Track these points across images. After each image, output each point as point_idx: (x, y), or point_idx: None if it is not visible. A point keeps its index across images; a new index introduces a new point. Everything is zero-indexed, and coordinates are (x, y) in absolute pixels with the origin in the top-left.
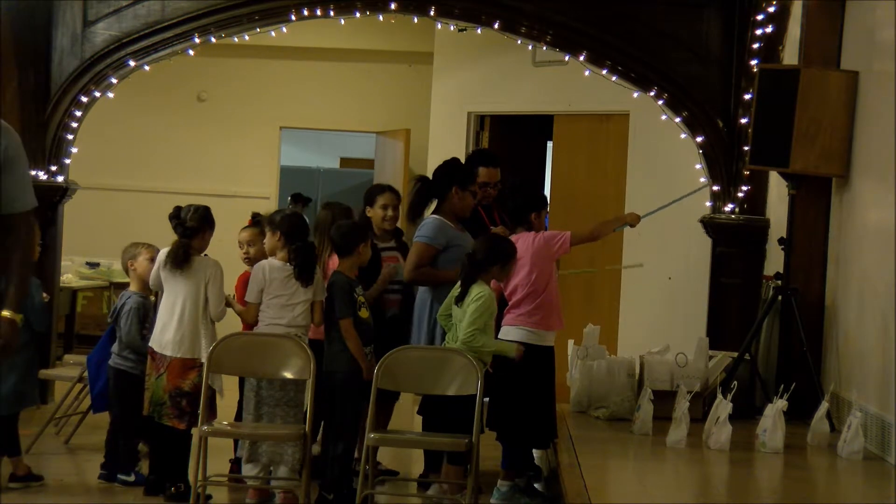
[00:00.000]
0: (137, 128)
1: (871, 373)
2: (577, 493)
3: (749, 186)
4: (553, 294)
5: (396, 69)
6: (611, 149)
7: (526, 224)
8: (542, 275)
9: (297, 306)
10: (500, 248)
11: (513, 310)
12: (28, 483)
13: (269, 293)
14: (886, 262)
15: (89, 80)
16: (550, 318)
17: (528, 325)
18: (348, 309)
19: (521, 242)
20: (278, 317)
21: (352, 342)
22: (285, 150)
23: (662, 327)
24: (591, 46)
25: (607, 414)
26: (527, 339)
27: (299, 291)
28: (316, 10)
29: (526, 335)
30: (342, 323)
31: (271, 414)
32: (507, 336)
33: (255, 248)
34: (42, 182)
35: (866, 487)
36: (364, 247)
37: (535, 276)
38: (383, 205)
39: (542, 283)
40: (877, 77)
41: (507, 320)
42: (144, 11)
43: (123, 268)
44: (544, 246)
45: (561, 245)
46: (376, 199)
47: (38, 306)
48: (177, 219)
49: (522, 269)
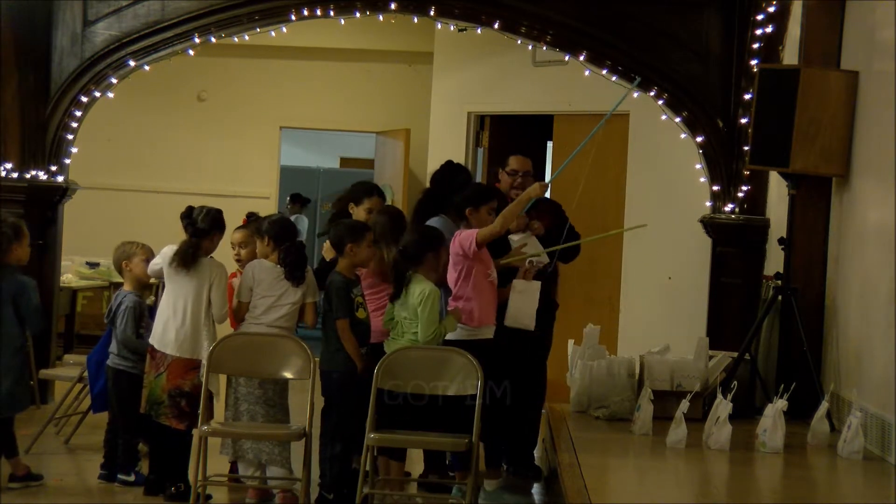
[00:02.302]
0: (137, 128)
1: (871, 373)
2: (577, 493)
3: (749, 186)
4: (480, 290)
5: (396, 69)
6: (611, 149)
7: (464, 220)
8: (464, 274)
9: (284, 307)
10: (428, 237)
11: (451, 303)
12: (27, 483)
13: (257, 293)
14: (886, 262)
15: (89, 80)
16: (480, 313)
17: (463, 322)
18: (345, 309)
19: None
20: (263, 315)
21: (348, 343)
22: (285, 150)
23: (662, 327)
24: (591, 46)
25: (607, 414)
26: (464, 336)
27: (289, 293)
28: (316, 10)
29: (460, 332)
30: (338, 323)
31: (252, 412)
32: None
33: (246, 250)
34: (42, 182)
35: (866, 487)
36: (353, 247)
37: (456, 275)
38: (368, 208)
39: (466, 281)
40: (877, 77)
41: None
42: (144, 11)
43: (116, 267)
44: (457, 245)
45: (470, 244)
46: (363, 199)
47: (33, 308)
48: (188, 218)
49: (450, 267)
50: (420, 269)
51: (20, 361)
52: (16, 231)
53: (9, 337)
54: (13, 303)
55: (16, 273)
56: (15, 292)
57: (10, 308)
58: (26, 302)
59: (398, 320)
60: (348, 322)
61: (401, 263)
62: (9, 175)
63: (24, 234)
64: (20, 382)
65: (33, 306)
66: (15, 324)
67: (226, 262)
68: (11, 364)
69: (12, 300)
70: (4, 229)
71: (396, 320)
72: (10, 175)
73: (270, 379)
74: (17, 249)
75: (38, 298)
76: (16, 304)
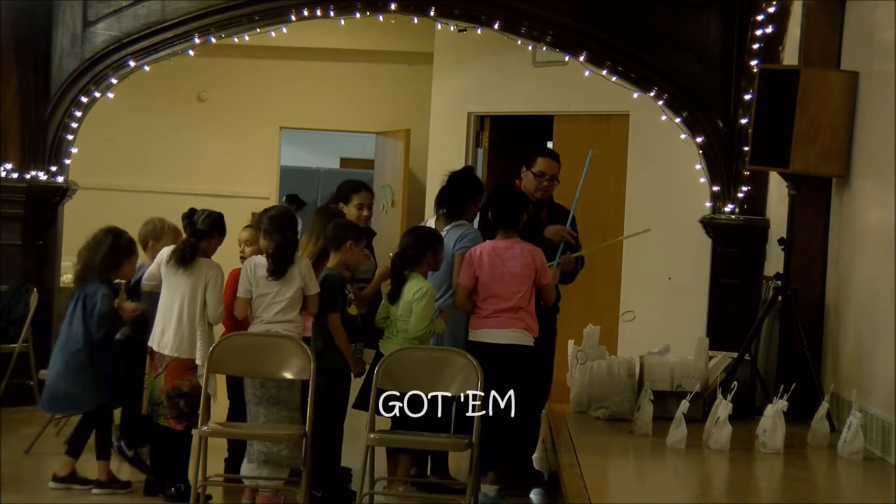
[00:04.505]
0: (137, 128)
1: (872, 373)
2: (577, 493)
3: (749, 187)
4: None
5: (396, 69)
6: (611, 149)
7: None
8: (530, 292)
9: (281, 303)
10: (427, 238)
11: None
12: (114, 489)
13: (255, 291)
14: (886, 262)
15: (89, 81)
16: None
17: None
18: (338, 304)
19: (519, 246)
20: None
21: (339, 337)
22: (285, 150)
23: (662, 327)
24: (591, 46)
25: (607, 414)
26: (524, 342)
27: (285, 289)
28: (316, 10)
29: (521, 336)
30: (331, 317)
31: (254, 412)
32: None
33: (251, 248)
34: (42, 182)
35: (866, 487)
36: (352, 245)
37: (527, 289)
38: (358, 204)
39: (531, 297)
40: (877, 77)
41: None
42: (144, 11)
43: (142, 243)
44: (539, 262)
45: (545, 272)
46: (352, 197)
47: (97, 314)
48: (189, 219)
49: (519, 277)
50: (418, 269)
51: (79, 363)
52: (130, 248)
53: (72, 340)
54: (83, 306)
55: (96, 280)
56: (86, 297)
57: (80, 312)
58: (93, 307)
59: (393, 319)
60: (340, 317)
61: (398, 264)
62: (9, 175)
63: (135, 252)
64: (78, 384)
65: (98, 312)
66: (80, 327)
67: (231, 262)
68: (71, 365)
69: (83, 304)
70: (122, 243)
71: (391, 319)
72: (10, 175)
73: (271, 378)
74: (126, 266)
75: (107, 306)
76: (84, 307)
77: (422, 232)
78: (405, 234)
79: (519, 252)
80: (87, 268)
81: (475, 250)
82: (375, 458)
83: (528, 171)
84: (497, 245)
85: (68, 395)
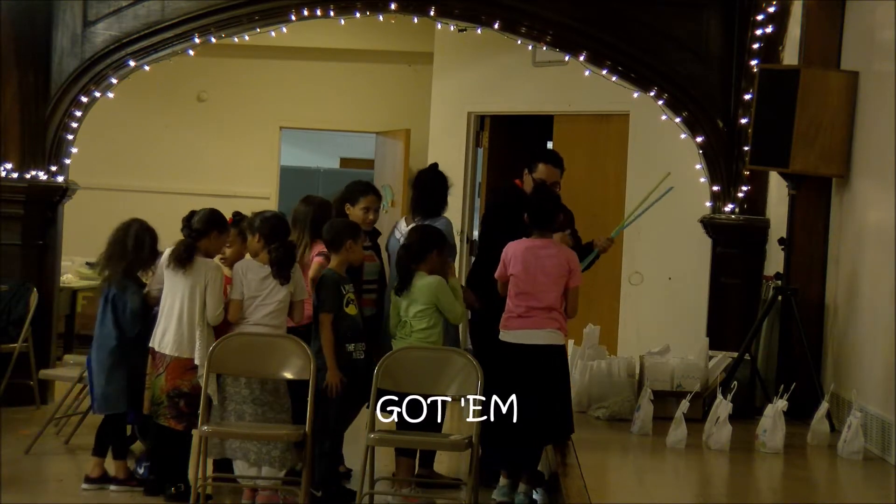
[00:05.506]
0: (137, 128)
1: (871, 373)
2: (577, 493)
3: (749, 186)
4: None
5: (396, 69)
6: (611, 149)
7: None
8: (561, 293)
9: (270, 305)
10: (432, 235)
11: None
12: (130, 486)
13: (245, 292)
14: (886, 262)
15: (89, 81)
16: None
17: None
18: (331, 304)
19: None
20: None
21: (325, 336)
22: (285, 150)
23: (662, 327)
24: (591, 46)
25: (607, 414)
26: (557, 342)
27: (275, 291)
28: (316, 10)
29: (555, 336)
30: (321, 316)
31: (239, 411)
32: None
33: (231, 249)
34: (42, 182)
35: (866, 487)
36: (352, 244)
37: (561, 291)
38: (365, 207)
39: (564, 298)
40: (877, 77)
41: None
42: (144, 11)
43: None
44: (574, 264)
45: (578, 274)
46: (359, 199)
47: (129, 312)
48: (186, 221)
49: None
50: (422, 267)
51: (112, 363)
52: (152, 241)
53: (105, 338)
54: (113, 306)
55: (123, 278)
56: (115, 295)
57: (111, 311)
58: (123, 305)
59: (406, 320)
60: (331, 317)
61: (405, 259)
62: (9, 175)
63: (158, 251)
64: (111, 383)
65: (129, 310)
66: (112, 326)
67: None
68: (105, 364)
69: (112, 303)
70: (147, 240)
71: (404, 320)
72: (10, 175)
73: (258, 378)
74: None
75: (136, 303)
76: (114, 306)
77: (426, 231)
78: (411, 231)
79: (554, 252)
80: (130, 264)
81: (509, 247)
82: (376, 458)
83: (530, 175)
84: (533, 244)
85: (106, 396)
